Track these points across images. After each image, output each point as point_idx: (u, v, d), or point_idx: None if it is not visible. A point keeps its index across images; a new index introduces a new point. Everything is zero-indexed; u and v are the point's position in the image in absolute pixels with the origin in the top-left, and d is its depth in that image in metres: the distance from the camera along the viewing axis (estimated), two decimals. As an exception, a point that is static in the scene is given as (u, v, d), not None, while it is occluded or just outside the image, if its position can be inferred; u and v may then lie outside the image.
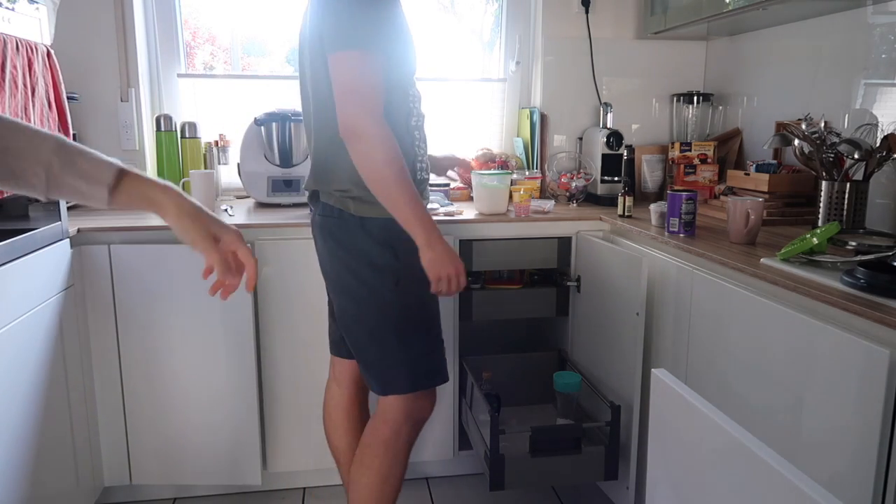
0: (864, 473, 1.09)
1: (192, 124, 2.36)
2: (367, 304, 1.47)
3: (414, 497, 2.10)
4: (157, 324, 1.91)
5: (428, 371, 1.54)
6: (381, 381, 1.52)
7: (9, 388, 1.47)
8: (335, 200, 1.45)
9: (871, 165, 1.67)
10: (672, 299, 1.68)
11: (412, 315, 1.50)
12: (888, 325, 1.06)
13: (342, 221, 1.45)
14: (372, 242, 1.44)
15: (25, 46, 1.49)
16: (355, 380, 1.73)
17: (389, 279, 1.45)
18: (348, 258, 1.46)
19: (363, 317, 1.49)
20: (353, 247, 1.45)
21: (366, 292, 1.46)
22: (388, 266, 1.45)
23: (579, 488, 2.13)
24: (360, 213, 1.43)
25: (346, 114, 1.32)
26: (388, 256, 1.44)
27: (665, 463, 1.08)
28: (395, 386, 1.51)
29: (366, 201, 1.42)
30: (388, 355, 1.50)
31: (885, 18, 1.77)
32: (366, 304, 1.47)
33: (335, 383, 1.76)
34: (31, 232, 1.59)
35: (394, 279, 1.45)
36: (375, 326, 1.48)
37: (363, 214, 1.43)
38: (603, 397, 1.86)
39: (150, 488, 2.06)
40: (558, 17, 2.50)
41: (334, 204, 1.45)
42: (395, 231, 1.40)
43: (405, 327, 1.49)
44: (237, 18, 2.51)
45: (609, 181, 2.40)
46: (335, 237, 1.47)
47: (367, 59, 1.32)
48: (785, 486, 0.77)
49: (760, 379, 1.34)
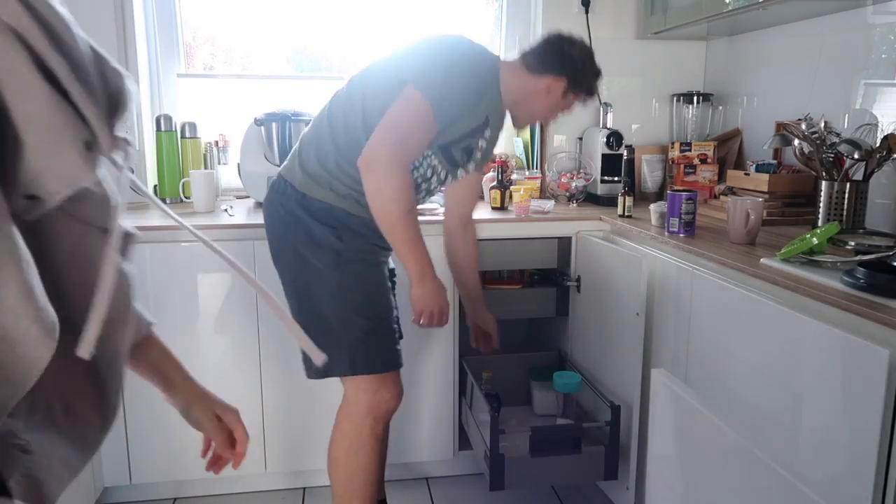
0: (864, 473, 1.09)
1: (192, 124, 2.36)
2: (312, 280, 1.48)
3: (414, 497, 2.10)
4: (156, 323, 1.90)
5: (369, 356, 1.52)
6: (334, 361, 1.50)
7: (9, 388, 1.47)
8: (287, 172, 1.52)
9: (870, 165, 1.67)
10: (672, 299, 1.68)
11: (353, 297, 1.49)
12: (888, 325, 1.06)
13: (284, 196, 1.49)
14: (312, 219, 1.47)
15: (25, 46, 1.49)
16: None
17: (330, 257, 1.47)
18: (286, 231, 1.49)
19: (310, 294, 1.50)
20: (291, 220, 1.48)
21: (310, 269, 1.48)
22: (330, 245, 1.47)
23: (579, 488, 2.13)
24: (304, 190, 1.47)
25: (376, 143, 1.36)
26: (329, 237, 1.47)
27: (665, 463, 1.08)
28: (335, 368, 1.51)
29: (315, 182, 1.47)
30: (331, 336, 1.49)
31: (885, 18, 1.77)
32: (312, 282, 1.48)
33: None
34: (31, 232, 1.59)
35: (334, 258, 1.47)
36: (324, 303, 1.48)
37: (307, 192, 1.47)
38: (603, 397, 1.86)
39: (150, 488, 2.06)
40: (558, 17, 2.50)
41: (285, 176, 1.51)
42: (339, 216, 1.46)
43: (345, 311, 1.49)
44: (237, 18, 2.51)
45: (609, 181, 2.40)
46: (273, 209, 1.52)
47: (426, 110, 1.38)
48: (785, 485, 0.77)
49: (760, 379, 1.34)
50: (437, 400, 2.09)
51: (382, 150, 1.36)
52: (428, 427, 2.10)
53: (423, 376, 2.06)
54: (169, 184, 2.35)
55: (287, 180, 1.52)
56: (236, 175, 2.32)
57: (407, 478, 2.19)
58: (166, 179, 2.36)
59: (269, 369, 1.99)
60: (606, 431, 1.79)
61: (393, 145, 1.36)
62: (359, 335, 1.51)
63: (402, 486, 2.14)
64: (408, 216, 1.41)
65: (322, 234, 1.47)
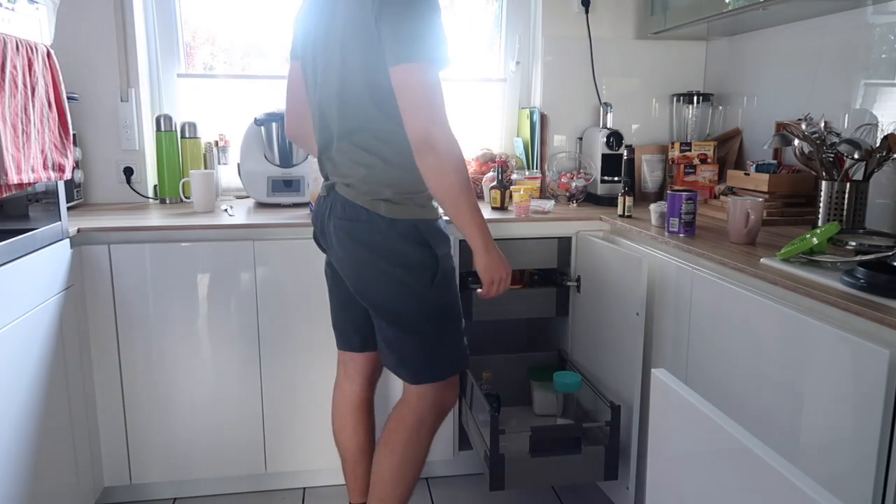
0: (864, 473, 1.09)
1: (192, 124, 2.36)
2: (403, 301, 1.50)
3: (414, 497, 2.10)
4: (157, 324, 1.91)
5: (455, 359, 1.59)
6: (416, 372, 1.56)
7: (9, 388, 1.47)
8: (364, 202, 1.45)
9: (871, 165, 1.66)
10: (672, 299, 1.68)
11: (446, 308, 1.55)
12: (888, 325, 1.06)
13: (372, 225, 1.45)
14: (404, 243, 1.46)
15: (25, 46, 1.49)
16: (366, 374, 1.74)
17: (426, 276, 1.49)
18: (379, 261, 1.47)
19: (401, 313, 1.51)
20: (384, 249, 1.46)
21: (402, 290, 1.48)
22: (423, 264, 1.48)
23: (579, 488, 2.13)
24: (392, 215, 1.45)
25: (419, 126, 1.36)
26: (422, 254, 1.48)
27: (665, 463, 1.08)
28: (429, 374, 1.56)
29: (396, 203, 1.45)
30: (427, 347, 1.53)
31: (885, 18, 1.77)
32: (402, 302, 1.50)
33: (346, 380, 1.76)
34: (31, 232, 1.59)
35: (430, 275, 1.49)
36: (414, 321, 1.51)
37: (395, 216, 1.45)
38: (603, 397, 1.86)
39: (150, 488, 2.06)
40: (558, 17, 2.50)
41: (362, 205, 1.45)
42: (426, 229, 1.48)
43: (441, 320, 1.54)
44: (237, 18, 2.51)
45: (609, 181, 2.40)
46: (362, 240, 1.47)
47: (433, 71, 1.37)
48: (785, 486, 0.77)
49: (760, 379, 1.34)
50: (437, 400, 2.09)
51: (428, 124, 1.35)
52: (428, 427, 2.10)
53: (423, 376, 2.06)
54: (169, 184, 2.36)
55: (367, 209, 1.45)
56: (236, 175, 2.32)
57: (407, 478, 2.18)
58: (166, 179, 2.36)
59: (269, 369, 1.99)
60: (606, 431, 1.79)
61: (431, 117, 1.36)
62: (453, 343, 1.57)
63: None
64: (470, 187, 1.42)
65: (414, 255, 1.47)
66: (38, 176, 1.54)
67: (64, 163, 1.66)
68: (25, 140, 1.48)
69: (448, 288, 1.54)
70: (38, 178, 1.54)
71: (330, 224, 1.52)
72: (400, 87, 1.37)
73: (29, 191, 1.63)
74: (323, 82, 1.50)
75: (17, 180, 1.44)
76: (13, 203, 1.70)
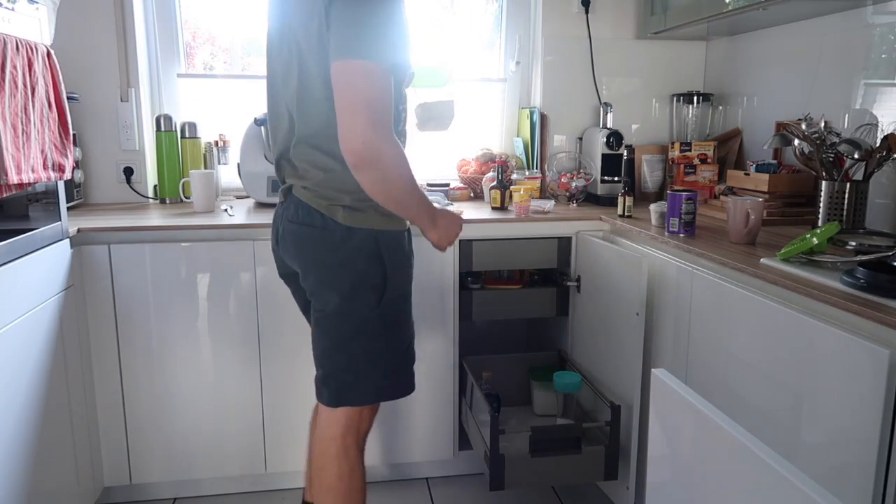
0: (864, 473, 1.09)
1: (192, 124, 2.36)
2: (342, 316, 1.39)
3: (414, 497, 2.10)
4: (157, 324, 1.91)
5: (382, 387, 1.46)
6: (337, 393, 1.43)
7: (9, 388, 1.47)
8: (320, 206, 1.35)
9: (871, 165, 1.66)
10: (672, 299, 1.68)
11: (386, 332, 1.43)
12: (888, 325, 1.06)
13: (325, 232, 1.34)
14: (356, 256, 1.35)
15: (25, 46, 1.49)
16: None
17: (372, 296, 1.37)
18: (328, 272, 1.36)
19: (336, 327, 1.40)
20: (333, 261, 1.35)
21: (344, 306, 1.37)
22: (373, 283, 1.37)
23: (579, 488, 2.13)
24: (349, 223, 1.34)
25: (355, 136, 1.19)
26: (374, 272, 1.37)
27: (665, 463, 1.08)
28: (349, 398, 1.43)
29: (356, 210, 1.34)
30: (352, 368, 1.41)
31: (885, 18, 1.77)
32: (341, 317, 1.39)
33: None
34: (31, 232, 1.59)
35: (377, 297, 1.38)
36: (346, 338, 1.40)
37: (352, 224, 1.34)
38: (603, 397, 1.86)
39: (150, 488, 2.06)
40: (558, 17, 2.50)
41: (317, 208, 1.34)
42: (386, 243, 1.37)
43: (376, 344, 1.42)
44: (237, 18, 2.51)
45: (609, 181, 2.40)
46: (311, 247, 1.37)
47: (379, 72, 1.19)
48: (785, 485, 0.77)
49: (760, 379, 1.34)
50: (437, 400, 2.09)
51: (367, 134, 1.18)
52: (428, 427, 2.10)
53: (423, 376, 2.06)
54: (169, 184, 2.36)
55: (322, 214, 1.34)
56: (236, 175, 2.32)
57: (407, 478, 2.19)
58: (166, 179, 2.36)
59: (269, 369, 1.99)
60: (606, 431, 1.79)
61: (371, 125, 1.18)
62: (385, 371, 1.44)
63: (402, 486, 2.14)
64: (415, 188, 1.29)
65: (366, 272, 1.35)
66: (38, 176, 1.54)
67: (64, 163, 1.66)
68: (25, 140, 1.48)
69: (395, 310, 1.42)
70: (38, 178, 1.54)
71: (283, 228, 1.42)
72: (339, 85, 1.20)
73: (29, 191, 1.63)
74: (282, 82, 1.39)
75: (17, 180, 1.44)
76: (13, 203, 1.70)
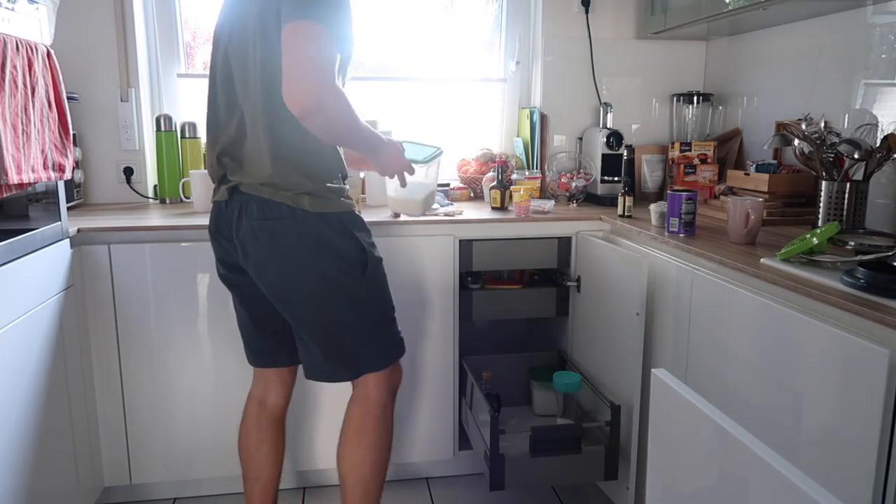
0: (864, 473, 1.09)
1: (192, 124, 2.36)
2: (334, 297, 1.47)
3: (414, 497, 2.10)
4: (157, 323, 1.91)
5: (393, 345, 1.60)
6: (354, 366, 1.55)
7: (9, 387, 1.47)
8: (285, 198, 1.39)
9: (871, 165, 1.67)
10: (672, 299, 1.68)
11: (378, 298, 1.55)
12: (888, 325, 1.06)
13: (297, 220, 1.40)
14: (336, 235, 1.44)
15: (25, 46, 1.49)
16: (290, 386, 1.73)
17: (357, 270, 1.47)
18: (310, 256, 1.42)
19: (332, 310, 1.48)
20: (316, 242, 1.42)
21: (333, 286, 1.45)
22: (355, 257, 1.47)
23: (579, 488, 2.13)
24: (318, 209, 1.41)
25: (304, 86, 1.27)
26: (353, 246, 1.47)
27: (665, 463, 1.08)
28: (370, 365, 1.56)
29: (321, 196, 1.41)
30: (362, 340, 1.53)
31: (885, 18, 1.77)
32: (333, 298, 1.47)
33: (269, 395, 1.70)
34: (31, 232, 1.59)
35: (361, 268, 1.48)
36: (347, 316, 1.49)
37: (321, 210, 1.41)
38: (603, 397, 1.86)
39: (150, 488, 2.06)
40: (558, 17, 2.50)
41: (282, 201, 1.39)
42: (350, 221, 1.47)
43: (373, 311, 1.54)
44: (237, 18, 2.50)
45: (609, 181, 2.40)
46: (289, 238, 1.41)
47: (325, 33, 1.30)
48: (785, 485, 0.77)
49: (760, 379, 1.34)
50: (437, 400, 2.09)
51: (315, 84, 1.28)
52: (428, 427, 2.10)
53: (423, 376, 2.07)
54: (169, 184, 2.36)
55: (289, 205, 1.40)
56: (236, 175, 2.32)
57: (407, 478, 2.19)
58: (166, 179, 2.36)
59: (269, 369, 1.98)
60: (606, 431, 1.79)
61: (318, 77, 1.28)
62: (386, 331, 1.57)
63: (402, 486, 2.14)
64: (361, 125, 1.39)
65: (347, 248, 1.45)
66: (38, 176, 1.54)
67: (64, 163, 1.66)
68: (25, 140, 1.48)
69: (378, 277, 1.54)
70: (38, 178, 1.54)
71: (242, 229, 1.43)
72: (288, 44, 1.28)
73: (29, 191, 1.63)
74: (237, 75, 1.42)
75: (17, 180, 1.44)
76: (13, 203, 1.70)
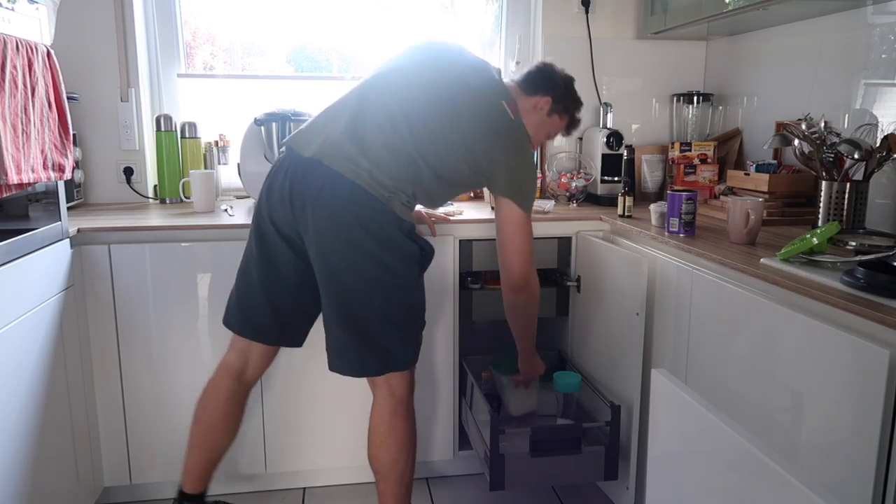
0: (864, 473, 1.09)
1: (192, 124, 2.36)
2: (387, 289, 1.55)
3: (414, 497, 2.10)
4: (157, 323, 1.91)
5: (418, 348, 1.68)
6: (384, 360, 1.59)
7: (9, 388, 1.47)
8: (381, 195, 1.50)
9: (871, 165, 1.67)
10: (672, 299, 1.68)
11: (418, 303, 1.64)
12: (888, 325, 1.06)
13: (384, 214, 1.51)
14: (406, 238, 1.56)
15: (25, 46, 1.49)
16: (267, 365, 1.78)
17: (416, 268, 1.60)
18: (378, 248, 1.51)
19: (380, 301, 1.55)
20: (387, 238, 1.53)
21: (389, 278, 1.54)
22: (416, 258, 1.59)
23: (579, 488, 2.13)
24: (402, 216, 1.54)
25: (518, 269, 1.67)
26: (415, 250, 1.59)
27: (665, 463, 1.08)
28: (397, 363, 1.61)
29: (406, 205, 1.56)
30: (398, 337, 1.59)
31: (885, 18, 1.77)
32: (386, 289, 1.55)
33: (241, 372, 1.73)
34: (31, 232, 1.59)
35: (419, 270, 1.61)
36: (392, 310, 1.56)
37: (403, 217, 1.55)
38: (603, 397, 1.86)
39: (150, 488, 2.06)
40: (558, 17, 2.50)
41: (378, 197, 1.50)
42: (411, 231, 1.59)
43: (414, 310, 1.63)
44: (237, 18, 2.51)
45: (609, 181, 2.40)
46: (366, 226, 1.50)
47: (529, 224, 1.67)
48: (785, 485, 0.77)
49: (760, 379, 1.34)
50: (437, 400, 2.09)
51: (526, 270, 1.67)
52: (428, 427, 2.10)
53: (423, 376, 2.06)
54: (169, 184, 2.36)
55: (385, 203, 1.51)
56: (236, 175, 2.32)
57: (407, 478, 2.18)
58: (166, 179, 2.36)
59: (269, 369, 1.98)
60: (606, 431, 1.79)
61: (528, 262, 1.67)
62: (415, 335, 1.66)
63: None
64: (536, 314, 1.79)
65: (411, 249, 1.58)
66: (38, 176, 1.54)
67: (64, 163, 1.66)
68: (25, 140, 1.48)
69: (422, 283, 1.64)
70: (38, 178, 1.54)
71: (322, 200, 1.49)
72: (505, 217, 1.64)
73: (29, 191, 1.63)
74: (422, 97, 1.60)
75: (17, 180, 1.44)
76: (13, 203, 1.70)
